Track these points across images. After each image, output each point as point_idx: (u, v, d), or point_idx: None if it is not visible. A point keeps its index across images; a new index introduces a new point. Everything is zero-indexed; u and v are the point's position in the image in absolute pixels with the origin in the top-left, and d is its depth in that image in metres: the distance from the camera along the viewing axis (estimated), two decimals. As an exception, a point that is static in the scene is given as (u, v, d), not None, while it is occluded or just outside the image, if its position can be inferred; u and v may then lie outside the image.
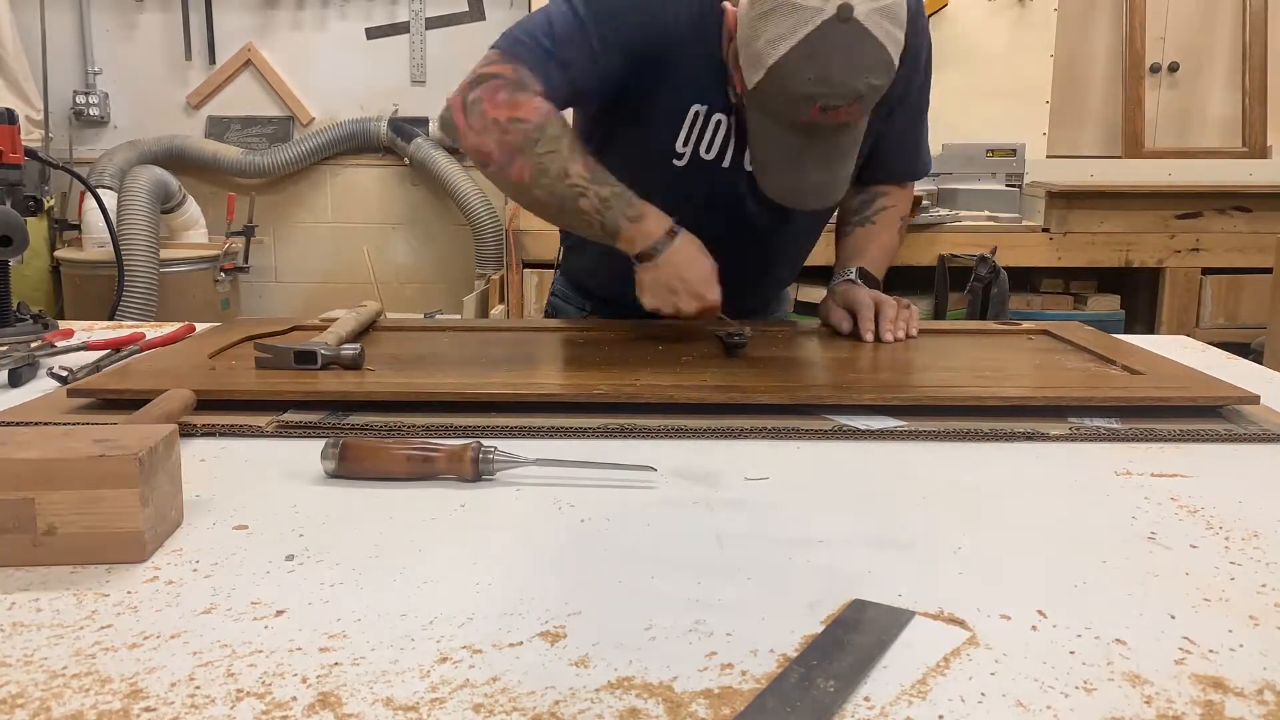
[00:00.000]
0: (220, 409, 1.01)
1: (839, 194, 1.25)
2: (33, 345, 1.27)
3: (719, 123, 1.28)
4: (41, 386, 1.15)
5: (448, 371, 1.16)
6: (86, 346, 1.28)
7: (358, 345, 1.15)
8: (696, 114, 1.28)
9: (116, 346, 1.28)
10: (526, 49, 1.21)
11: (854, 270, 1.41)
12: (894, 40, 1.10)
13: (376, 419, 1.00)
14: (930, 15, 3.24)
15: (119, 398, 1.02)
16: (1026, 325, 1.42)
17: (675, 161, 1.30)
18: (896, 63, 1.12)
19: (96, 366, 1.19)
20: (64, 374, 1.14)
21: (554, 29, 1.21)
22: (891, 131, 1.39)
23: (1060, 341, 1.32)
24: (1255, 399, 1.03)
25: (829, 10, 1.05)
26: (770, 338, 1.37)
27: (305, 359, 1.12)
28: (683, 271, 1.22)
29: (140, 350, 1.27)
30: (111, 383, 1.08)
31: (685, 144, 1.29)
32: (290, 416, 1.00)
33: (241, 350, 1.21)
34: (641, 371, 1.13)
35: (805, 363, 1.27)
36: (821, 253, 3.29)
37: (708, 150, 1.30)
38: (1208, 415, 1.02)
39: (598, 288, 1.55)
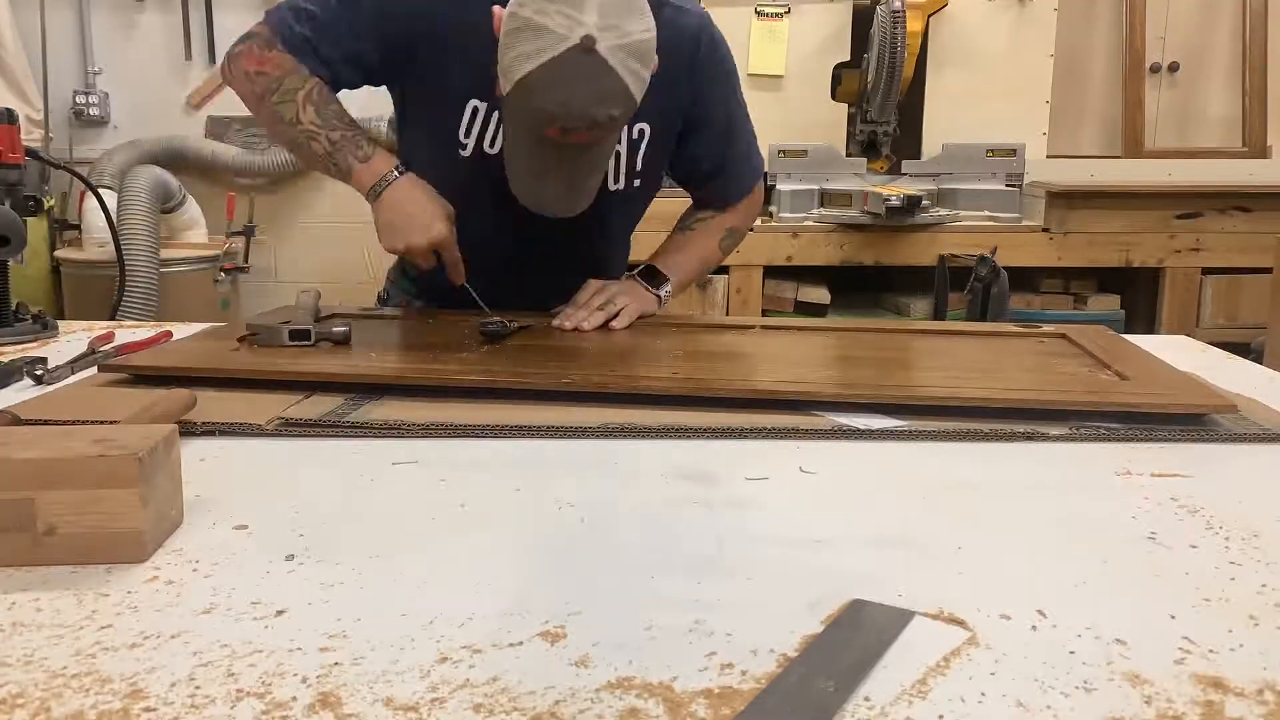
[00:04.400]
0: (238, 387, 1.09)
1: (580, 205, 1.29)
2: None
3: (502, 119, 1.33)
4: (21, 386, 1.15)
5: (448, 360, 1.17)
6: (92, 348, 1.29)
7: (347, 324, 1.23)
8: (475, 109, 1.34)
9: (93, 348, 1.29)
10: (292, 15, 1.33)
11: (640, 268, 1.46)
12: (636, 76, 1.15)
13: (376, 418, 1.00)
14: (930, 15, 3.24)
15: (149, 374, 1.11)
16: (1047, 328, 1.40)
17: (460, 152, 1.36)
18: (638, 96, 1.17)
19: (71, 368, 1.20)
20: (40, 374, 1.16)
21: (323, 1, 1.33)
22: (704, 154, 1.46)
23: (1070, 345, 1.31)
24: (1233, 408, 1.02)
25: (573, 39, 1.10)
26: (767, 336, 1.37)
27: (299, 336, 1.20)
28: (406, 207, 1.29)
29: (116, 352, 1.28)
30: (143, 360, 1.16)
31: (467, 135, 1.35)
32: (291, 414, 1.00)
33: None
34: (625, 363, 1.17)
35: (798, 359, 1.27)
36: (821, 253, 3.29)
37: (491, 145, 1.35)
38: (1198, 419, 1.02)
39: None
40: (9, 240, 1.41)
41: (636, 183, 1.44)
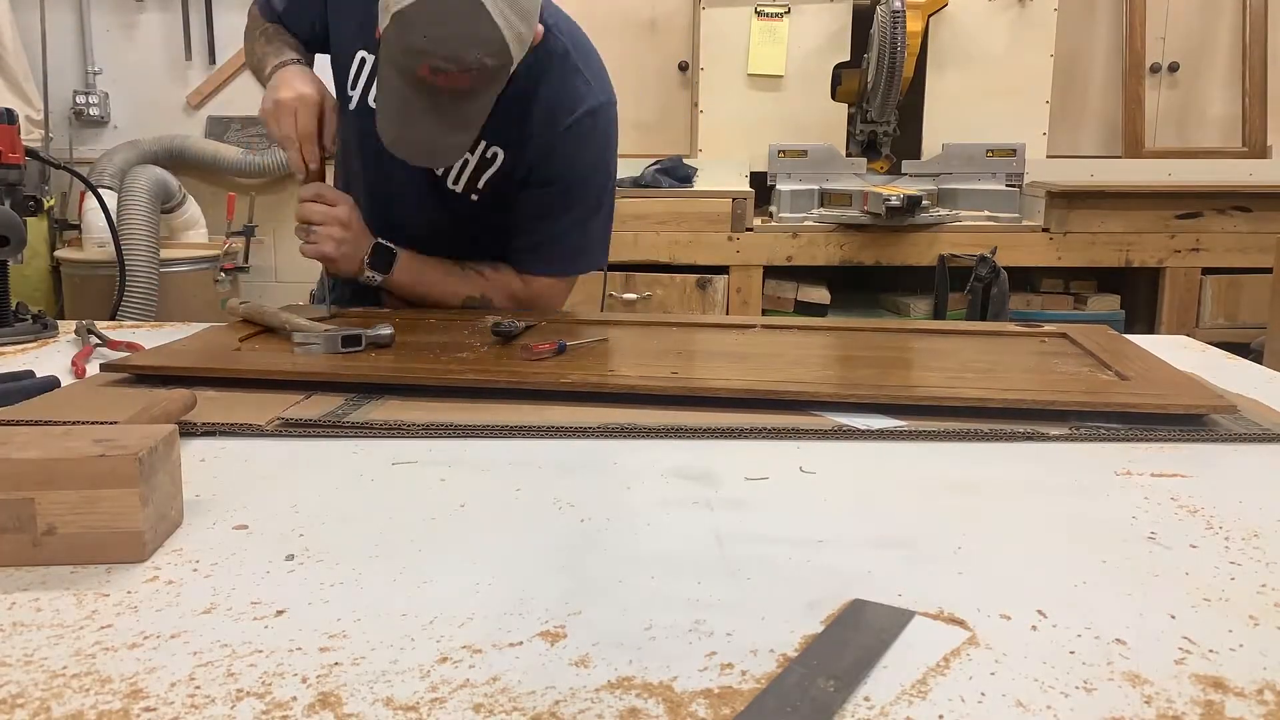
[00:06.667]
0: (239, 387, 1.10)
1: (441, 160, 1.34)
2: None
3: None
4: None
5: (448, 360, 1.18)
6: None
7: (390, 327, 1.25)
8: (362, 61, 1.40)
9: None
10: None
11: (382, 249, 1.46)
12: (514, 31, 1.19)
13: (376, 418, 1.00)
14: (930, 15, 3.24)
15: (149, 374, 1.13)
16: (1048, 328, 1.39)
17: (348, 106, 1.42)
18: (515, 54, 1.21)
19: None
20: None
21: None
22: (527, 211, 1.46)
23: (1071, 344, 1.31)
24: (1233, 408, 1.02)
25: None
26: (767, 335, 1.37)
27: (350, 342, 1.21)
28: (289, 78, 1.35)
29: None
30: (143, 360, 1.18)
31: (353, 88, 1.41)
32: (291, 414, 1.00)
33: (269, 336, 1.33)
34: (625, 363, 1.17)
35: (798, 359, 1.27)
36: (821, 252, 3.29)
37: (375, 99, 1.38)
38: (1198, 419, 1.02)
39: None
40: (9, 240, 1.41)
41: (474, 197, 1.47)
